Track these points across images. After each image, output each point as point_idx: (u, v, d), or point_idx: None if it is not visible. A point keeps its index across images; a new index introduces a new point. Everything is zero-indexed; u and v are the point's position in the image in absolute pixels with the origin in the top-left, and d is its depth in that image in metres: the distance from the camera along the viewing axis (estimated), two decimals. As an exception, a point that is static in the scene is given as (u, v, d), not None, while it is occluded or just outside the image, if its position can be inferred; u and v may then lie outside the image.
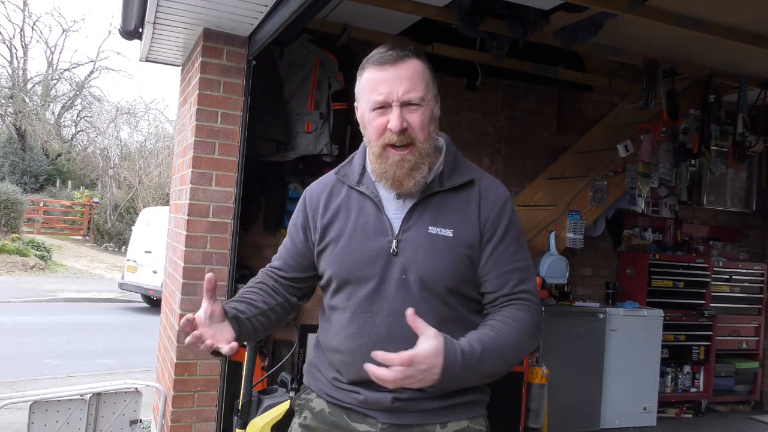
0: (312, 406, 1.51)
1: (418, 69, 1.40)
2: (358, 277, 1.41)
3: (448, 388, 1.33)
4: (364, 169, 1.49)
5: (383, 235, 1.41)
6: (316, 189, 1.55)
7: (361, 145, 1.53)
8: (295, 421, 1.53)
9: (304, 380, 1.58)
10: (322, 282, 1.52)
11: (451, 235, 1.40)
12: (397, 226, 1.41)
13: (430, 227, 1.40)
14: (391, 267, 1.39)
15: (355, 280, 1.41)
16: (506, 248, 1.43)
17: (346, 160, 1.55)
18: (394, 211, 1.43)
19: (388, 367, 1.26)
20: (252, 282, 1.56)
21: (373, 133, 1.40)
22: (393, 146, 1.38)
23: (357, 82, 1.45)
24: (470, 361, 1.29)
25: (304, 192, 1.58)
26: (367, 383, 1.39)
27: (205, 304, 1.32)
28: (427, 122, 1.39)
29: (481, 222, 1.43)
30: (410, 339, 1.34)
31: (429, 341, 1.25)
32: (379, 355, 1.25)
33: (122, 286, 11.28)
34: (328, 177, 1.55)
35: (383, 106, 1.38)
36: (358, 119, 1.48)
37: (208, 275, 1.32)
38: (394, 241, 1.40)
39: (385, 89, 1.37)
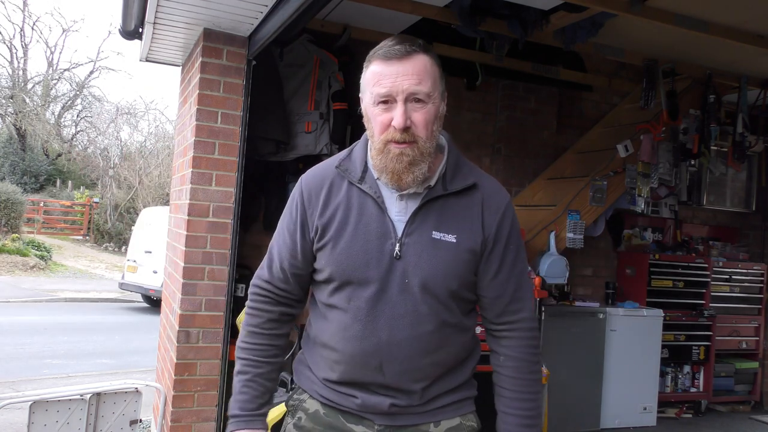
0: (306, 407, 1.49)
1: (426, 65, 1.36)
2: (360, 279, 1.38)
3: None
4: (366, 165, 1.43)
5: (386, 237, 1.38)
6: (314, 183, 1.47)
7: (362, 137, 1.48)
8: (289, 422, 1.51)
9: (295, 378, 1.56)
10: (320, 277, 1.46)
11: (454, 240, 1.39)
12: (400, 228, 1.39)
13: (433, 232, 1.38)
14: (394, 270, 1.37)
15: (356, 282, 1.38)
16: (506, 255, 1.45)
17: (345, 152, 1.49)
18: (397, 213, 1.40)
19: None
20: (264, 336, 1.51)
21: (376, 128, 1.36)
22: (395, 141, 1.34)
23: (363, 74, 1.41)
24: None
25: (299, 182, 1.50)
26: (362, 385, 1.40)
27: None
28: (431, 120, 1.35)
29: (485, 229, 1.42)
30: (411, 343, 1.36)
31: None
32: None
33: (122, 286, 11.29)
34: (327, 169, 1.48)
35: (387, 101, 1.34)
36: (362, 111, 1.43)
37: None
38: (398, 244, 1.37)
39: (389, 82, 1.33)
